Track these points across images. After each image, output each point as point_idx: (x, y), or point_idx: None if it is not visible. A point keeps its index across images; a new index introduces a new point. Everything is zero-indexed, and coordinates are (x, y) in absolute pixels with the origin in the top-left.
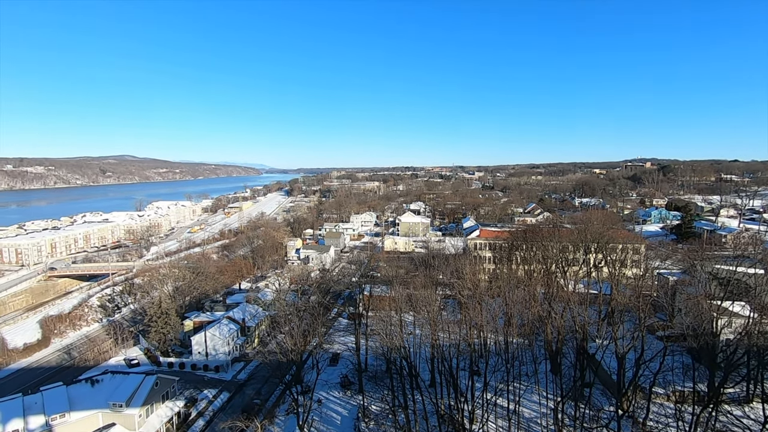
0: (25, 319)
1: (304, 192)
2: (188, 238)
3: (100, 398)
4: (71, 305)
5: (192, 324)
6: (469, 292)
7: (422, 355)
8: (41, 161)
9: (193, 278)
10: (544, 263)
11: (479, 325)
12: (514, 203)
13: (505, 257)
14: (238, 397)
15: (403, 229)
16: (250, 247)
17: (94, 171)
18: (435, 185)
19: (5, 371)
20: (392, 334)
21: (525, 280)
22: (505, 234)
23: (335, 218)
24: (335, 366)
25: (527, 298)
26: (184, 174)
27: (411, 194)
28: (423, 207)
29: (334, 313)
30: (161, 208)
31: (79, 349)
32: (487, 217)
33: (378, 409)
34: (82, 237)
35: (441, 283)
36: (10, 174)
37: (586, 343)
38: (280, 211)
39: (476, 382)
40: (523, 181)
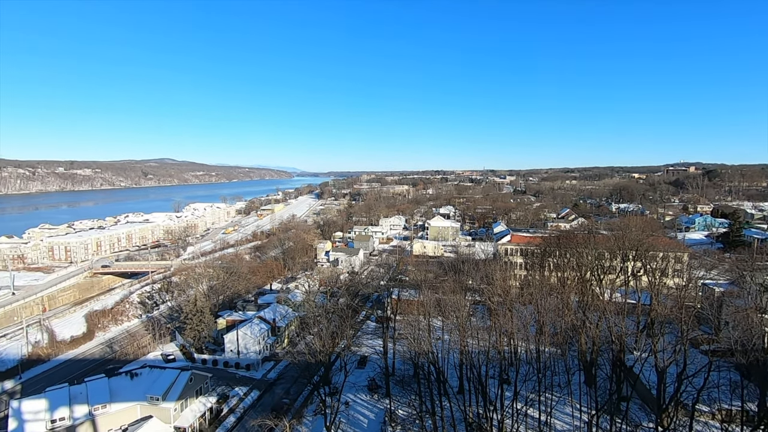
0: (72, 313)
1: (334, 195)
2: (222, 238)
3: (138, 391)
4: (114, 301)
5: (225, 322)
6: (500, 298)
7: (450, 361)
8: (89, 164)
9: (226, 278)
10: (579, 270)
11: (510, 333)
12: (546, 208)
13: (537, 263)
14: (267, 396)
15: (432, 233)
16: (281, 248)
17: (137, 174)
18: (465, 189)
19: (54, 361)
20: (420, 339)
21: (558, 288)
22: (538, 240)
23: (364, 221)
24: (363, 369)
25: (560, 306)
26: (219, 177)
27: (440, 198)
28: (453, 211)
29: (362, 316)
30: (197, 210)
31: (120, 343)
32: (518, 222)
33: (405, 414)
34: (124, 236)
35: (470, 289)
36: (62, 176)
37: (623, 355)
38: (311, 213)
39: (506, 391)
40: (557, 186)
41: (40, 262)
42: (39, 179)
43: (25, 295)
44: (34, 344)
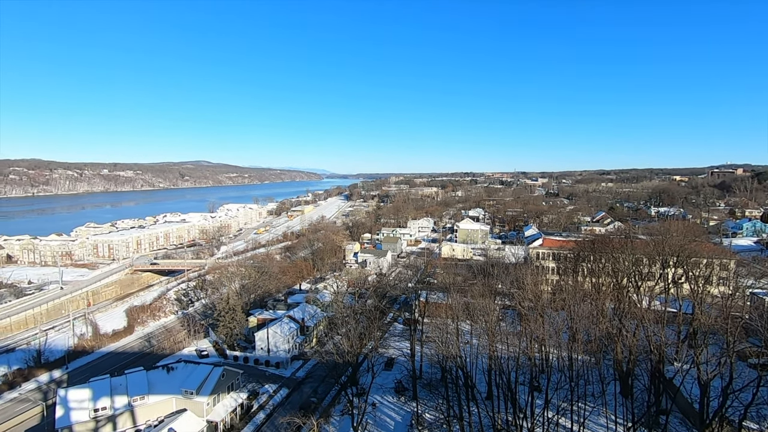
0: (114, 308)
1: (362, 197)
2: (254, 239)
3: (174, 384)
4: (152, 297)
5: (256, 321)
6: (531, 303)
7: (479, 366)
8: (131, 166)
9: (257, 277)
10: (614, 276)
11: (541, 339)
12: (580, 211)
13: (571, 268)
14: (296, 394)
15: (461, 235)
16: (310, 249)
17: (175, 175)
18: (495, 191)
19: (97, 353)
20: (448, 343)
21: (592, 294)
22: (571, 244)
23: (393, 223)
24: (390, 371)
25: (594, 312)
26: (252, 178)
27: (470, 200)
28: (482, 214)
29: (390, 317)
30: (231, 211)
31: (157, 337)
32: (550, 226)
33: (432, 418)
34: (162, 235)
35: (500, 293)
36: (106, 177)
37: (662, 366)
38: (340, 215)
39: (537, 399)
40: (592, 188)
41: (86, 258)
42: (86, 180)
43: (72, 289)
44: (79, 336)
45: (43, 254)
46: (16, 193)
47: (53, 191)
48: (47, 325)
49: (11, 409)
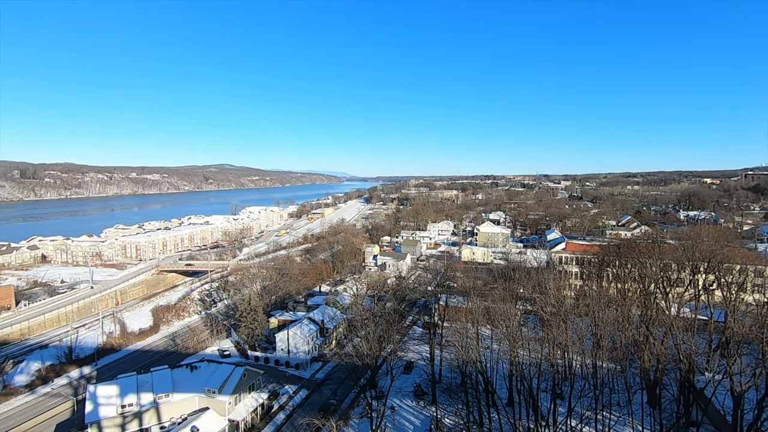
0: (140, 307)
1: (382, 200)
2: (275, 241)
3: (197, 383)
4: (177, 297)
5: (276, 322)
6: (553, 308)
7: (500, 371)
8: (158, 170)
9: (278, 279)
10: (641, 282)
11: (563, 345)
12: (605, 215)
13: (595, 273)
14: (315, 396)
15: (481, 239)
16: (330, 251)
17: (199, 178)
18: (516, 194)
19: (124, 351)
20: (468, 347)
21: (618, 300)
22: (595, 248)
23: (412, 226)
24: (409, 374)
25: (620, 319)
26: (273, 181)
27: (490, 203)
28: (503, 217)
29: (409, 321)
30: (253, 213)
31: (181, 337)
32: (574, 230)
33: (451, 423)
34: (187, 237)
35: (521, 298)
36: (134, 180)
37: (692, 376)
38: (359, 217)
39: (559, 407)
40: (617, 191)
41: (115, 259)
42: (115, 183)
43: (102, 289)
44: (108, 334)
45: (75, 254)
46: (50, 195)
47: (85, 194)
48: (78, 323)
49: (44, 404)
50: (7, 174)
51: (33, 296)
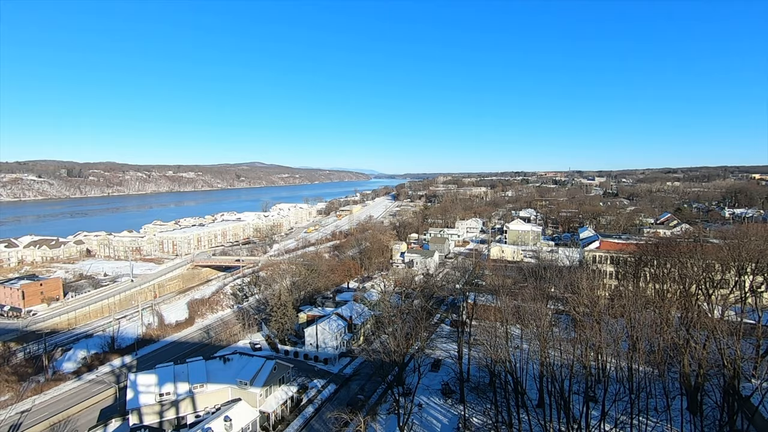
0: (177, 300)
1: (410, 197)
2: (304, 237)
3: (230, 375)
4: (210, 291)
5: (305, 317)
6: (586, 309)
7: (530, 372)
8: (192, 168)
9: (307, 275)
10: (681, 283)
11: (597, 347)
12: (642, 213)
13: (631, 273)
14: (343, 390)
15: (511, 236)
16: (358, 248)
17: (231, 176)
18: (548, 191)
19: (162, 342)
20: (497, 346)
21: (656, 301)
22: (632, 247)
23: (440, 224)
24: (436, 372)
25: (658, 321)
26: (302, 179)
27: (521, 200)
28: (534, 214)
29: (437, 318)
30: (282, 210)
31: (215, 329)
32: (608, 228)
33: (479, 423)
34: (220, 233)
35: (553, 297)
36: (170, 178)
37: (737, 383)
38: (387, 215)
39: (592, 410)
40: (656, 188)
41: (153, 253)
42: (153, 181)
43: (141, 282)
44: (147, 326)
45: (116, 249)
46: (94, 193)
47: (125, 191)
48: (120, 314)
49: (90, 390)
50: (56, 173)
51: (79, 288)
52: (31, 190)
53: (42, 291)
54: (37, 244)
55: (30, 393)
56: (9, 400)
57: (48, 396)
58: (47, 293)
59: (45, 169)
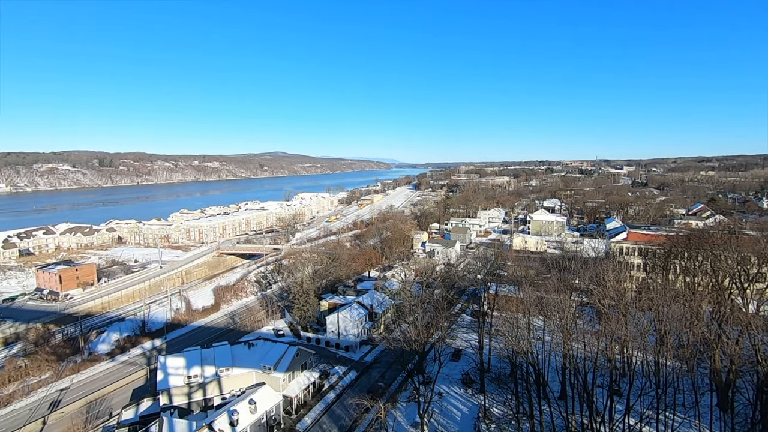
0: (203, 287)
1: (431, 186)
2: (326, 226)
3: (254, 360)
4: (235, 278)
5: (327, 305)
6: (612, 301)
7: (552, 364)
8: (217, 158)
9: (329, 263)
10: (714, 276)
11: (623, 340)
12: (673, 203)
13: (660, 265)
14: (364, 377)
15: (534, 227)
16: (379, 237)
17: (255, 166)
18: (573, 181)
19: (190, 327)
20: (519, 337)
21: (685, 294)
22: (661, 238)
23: (462, 213)
24: (457, 362)
25: (688, 315)
26: (324, 168)
27: (545, 190)
28: (558, 204)
29: (458, 309)
30: (305, 199)
31: (239, 315)
32: (637, 218)
33: (500, 413)
34: (244, 222)
35: (577, 289)
36: (196, 168)
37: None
38: (408, 204)
39: (616, 404)
40: (688, 177)
41: (180, 241)
42: (179, 171)
43: (169, 269)
44: (175, 311)
45: (146, 236)
46: (124, 182)
47: (153, 180)
48: (150, 300)
49: (123, 370)
50: (88, 162)
51: (111, 274)
52: (66, 180)
53: (78, 276)
54: (73, 231)
55: (68, 372)
56: (49, 378)
57: (84, 375)
58: (82, 278)
59: (79, 159)
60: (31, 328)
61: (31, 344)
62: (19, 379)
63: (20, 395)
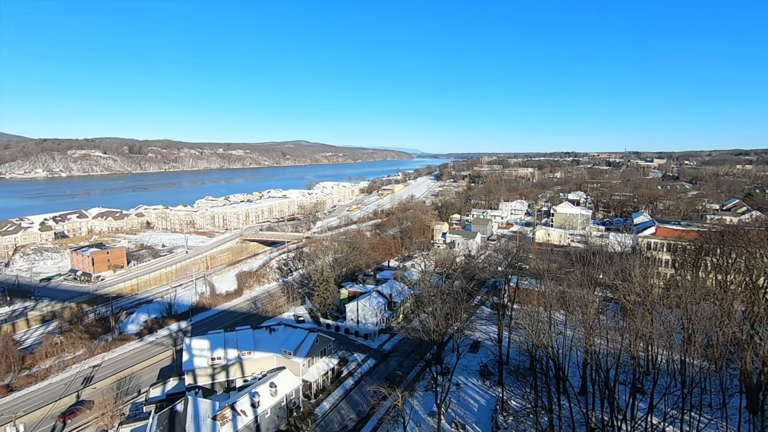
0: (227, 272)
1: (453, 177)
2: (347, 215)
3: (275, 344)
4: (258, 265)
5: (347, 293)
6: (637, 297)
7: (573, 359)
8: (241, 146)
9: (349, 252)
10: (748, 274)
11: (648, 337)
12: (706, 197)
13: (690, 262)
14: (382, 365)
15: (558, 220)
16: (399, 227)
17: (277, 154)
18: (600, 173)
19: (214, 310)
20: (540, 331)
21: (717, 293)
22: (692, 234)
23: (483, 205)
24: (475, 353)
25: (718, 314)
26: (345, 157)
27: (570, 182)
28: (584, 197)
29: (477, 300)
30: (326, 188)
31: (261, 301)
32: (667, 213)
33: (518, 406)
34: (267, 209)
35: (601, 284)
36: (221, 156)
37: None
38: (429, 194)
39: (639, 402)
40: (723, 171)
41: (205, 227)
42: (205, 158)
43: (195, 254)
44: (200, 294)
45: (172, 222)
46: (152, 169)
47: (180, 168)
48: (176, 283)
49: (150, 350)
50: (119, 149)
51: (140, 257)
52: (98, 165)
53: (109, 259)
54: (104, 216)
55: (100, 350)
56: (83, 355)
57: (115, 354)
58: (113, 261)
59: (110, 145)
60: (66, 307)
61: (66, 322)
62: (55, 354)
63: (56, 370)
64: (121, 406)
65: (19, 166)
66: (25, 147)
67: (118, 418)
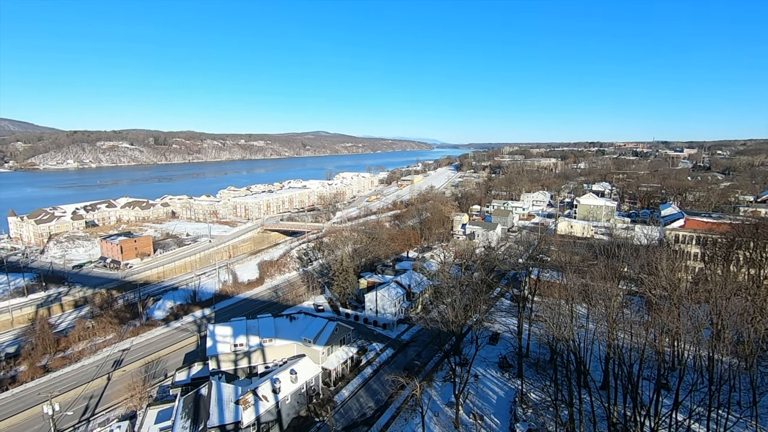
0: (248, 261)
1: (473, 167)
2: (366, 206)
3: (295, 332)
4: (278, 254)
5: (366, 283)
6: (664, 291)
7: (594, 353)
8: (262, 137)
9: (368, 242)
10: None
11: (674, 332)
12: (740, 189)
13: (721, 256)
14: (401, 355)
15: (581, 211)
16: (418, 218)
17: (297, 145)
18: (626, 164)
19: (236, 298)
20: (561, 324)
21: (749, 288)
22: (723, 227)
23: (504, 196)
24: (494, 345)
25: (750, 309)
26: (365, 148)
27: (594, 173)
28: (608, 188)
29: (497, 292)
30: (346, 179)
31: (282, 290)
32: (697, 205)
33: (537, 399)
34: (287, 200)
35: (625, 277)
36: (243, 147)
37: None
38: (449, 185)
39: (664, 398)
40: (759, 161)
41: (227, 217)
42: (227, 149)
43: (218, 243)
44: (223, 283)
45: (196, 212)
46: (177, 160)
47: (203, 158)
48: (200, 271)
49: (176, 336)
50: (145, 141)
51: (165, 246)
52: (125, 156)
53: (136, 247)
54: (131, 205)
55: (129, 334)
56: (113, 339)
57: (143, 338)
58: (140, 249)
59: (136, 137)
60: (97, 293)
61: (97, 307)
62: (87, 338)
63: (88, 353)
64: (149, 389)
65: (52, 157)
66: (57, 139)
67: (146, 400)
